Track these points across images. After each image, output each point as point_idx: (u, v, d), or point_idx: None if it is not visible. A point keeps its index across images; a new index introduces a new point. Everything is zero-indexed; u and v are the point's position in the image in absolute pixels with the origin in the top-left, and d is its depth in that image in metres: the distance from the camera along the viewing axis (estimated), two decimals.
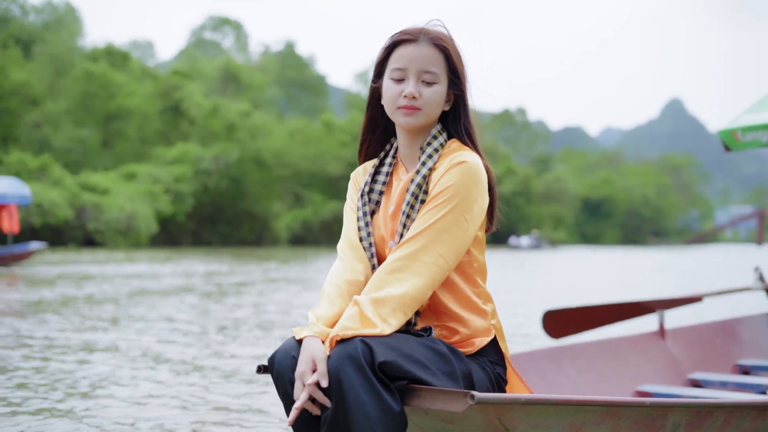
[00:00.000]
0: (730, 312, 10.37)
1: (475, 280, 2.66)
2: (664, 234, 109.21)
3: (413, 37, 2.61)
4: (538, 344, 7.77)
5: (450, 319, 2.61)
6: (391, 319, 2.38)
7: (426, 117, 2.61)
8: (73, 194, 42.06)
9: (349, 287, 2.57)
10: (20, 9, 59.67)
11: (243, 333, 8.72)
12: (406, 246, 2.49)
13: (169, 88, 57.79)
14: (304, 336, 2.36)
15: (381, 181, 2.73)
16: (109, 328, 8.93)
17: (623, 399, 2.45)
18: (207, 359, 6.87)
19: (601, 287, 18.70)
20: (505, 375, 2.67)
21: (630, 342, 4.82)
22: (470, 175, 2.54)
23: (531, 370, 4.02)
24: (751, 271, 5.84)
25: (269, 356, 2.42)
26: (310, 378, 2.25)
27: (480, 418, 2.27)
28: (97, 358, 6.85)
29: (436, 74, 2.59)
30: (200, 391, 5.45)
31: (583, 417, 2.38)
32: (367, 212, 2.69)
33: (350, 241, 2.69)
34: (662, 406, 2.54)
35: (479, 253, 2.68)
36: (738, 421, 2.80)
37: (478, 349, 2.61)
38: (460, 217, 2.51)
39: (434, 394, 2.28)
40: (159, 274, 19.50)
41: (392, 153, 2.76)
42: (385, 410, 2.22)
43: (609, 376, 4.47)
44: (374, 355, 2.24)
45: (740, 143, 5.39)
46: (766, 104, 5.52)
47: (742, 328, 5.61)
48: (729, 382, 4.71)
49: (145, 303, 11.87)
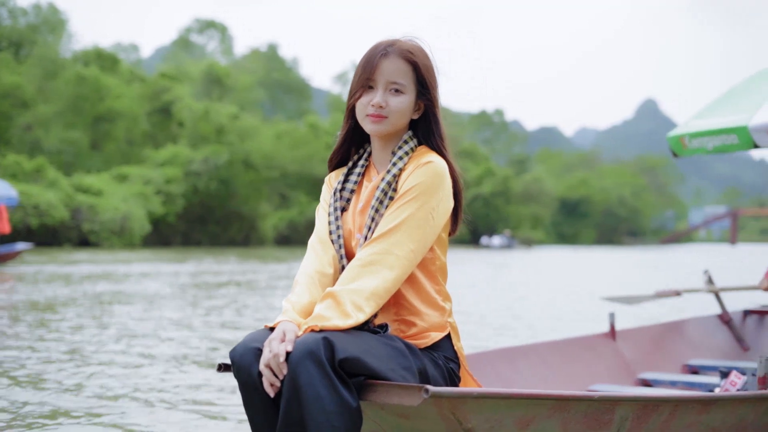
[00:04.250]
0: (682, 313, 10.74)
1: (437, 277, 2.77)
2: (640, 234, 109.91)
3: (384, 51, 2.74)
4: (491, 345, 8.06)
5: (409, 312, 2.71)
6: (365, 308, 2.49)
7: (392, 125, 2.74)
8: (68, 195, 42.79)
9: (321, 278, 2.68)
10: (9, 12, 60.07)
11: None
12: (379, 241, 2.60)
13: (158, 90, 58.63)
14: (278, 322, 2.47)
15: (353, 181, 2.86)
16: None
17: (572, 393, 2.52)
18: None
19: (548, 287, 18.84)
20: (459, 372, 2.76)
21: (581, 343, 4.91)
22: (436, 175, 2.66)
23: (485, 370, 4.10)
24: (701, 274, 6.08)
25: (230, 350, 2.48)
26: (277, 345, 2.34)
27: (434, 412, 2.34)
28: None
29: (403, 85, 2.72)
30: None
31: (534, 410, 2.44)
32: (337, 208, 2.82)
33: (320, 236, 2.81)
34: (610, 400, 2.60)
35: (442, 253, 2.79)
36: (683, 415, 2.87)
37: (433, 343, 2.70)
38: (428, 214, 2.64)
39: (390, 389, 2.34)
40: (146, 274, 19.97)
41: (365, 156, 2.89)
42: (342, 405, 2.28)
43: (561, 376, 4.55)
44: (335, 352, 2.31)
45: (687, 150, 5.46)
46: (713, 109, 5.55)
47: (692, 329, 5.71)
48: (678, 382, 4.81)
49: (104, 306, 11.67)
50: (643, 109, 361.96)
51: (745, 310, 6.08)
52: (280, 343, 2.34)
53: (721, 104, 5.53)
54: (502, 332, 9.63)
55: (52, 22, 62.76)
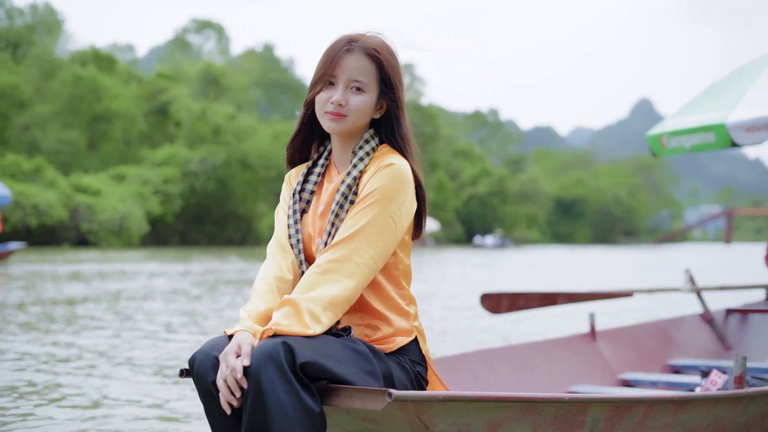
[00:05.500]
0: (664, 313, 10.58)
1: (400, 281, 2.69)
2: (635, 233, 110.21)
3: (348, 46, 2.64)
4: (470, 346, 7.91)
5: (373, 317, 2.64)
6: (323, 319, 2.40)
7: (352, 124, 2.64)
8: (66, 195, 43.00)
9: (279, 284, 2.60)
10: (5, 13, 60.17)
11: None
12: (338, 247, 2.51)
13: (155, 90, 58.81)
14: (236, 331, 2.40)
15: (313, 182, 2.76)
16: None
17: (542, 395, 2.46)
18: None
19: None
20: (426, 375, 2.69)
21: (561, 343, 4.84)
22: (397, 177, 2.57)
23: (463, 372, 4.03)
24: (687, 273, 6.02)
25: (190, 357, 2.43)
26: (233, 360, 2.28)
27: (400, 416, 2.29)
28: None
29: (365, 83, 2.63)
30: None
31: (503, 413, 2.38)
32: (297, 210, 2.72)
33: (279, 240, 2.72)
34: (581, 402, 2.55)
35: (405, 257, 2.71)
36: (657, 415, 2.82)
37: (399, 347, 2.63)
38: (389, 218, 2.55)
39: (353, 393, 2.29)
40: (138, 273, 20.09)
41: (325, 155, 2.79)
42: (304, 410, 2.23)
43: (540, 378, 4.48)
44: (295, 356, 2.25)
45: (665, 149, 5.37)
46: (692, 107, 5.46)
47: (674, 328, 5.67)
48: (659, 382, 4.75)
49: (88, 306, 11.59)
50: (637, 108, 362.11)
51: (728, 309, 6.06)
52: (236, 357, 2.28)
53: (699, 102, 5.46)
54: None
55: (48, 23, 62.89)
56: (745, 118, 4.81)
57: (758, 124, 4.74)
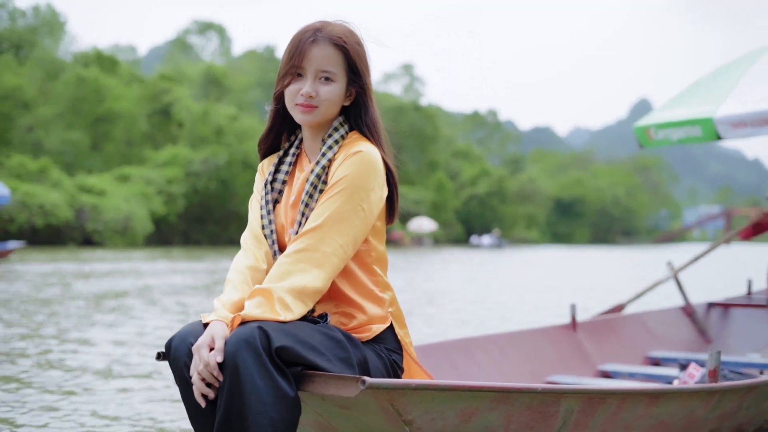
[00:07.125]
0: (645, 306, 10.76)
1: (373, 269, 2.69)
2: (634, 233, 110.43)
3: (313, 36, 2.63)
4: (451, 335, 7.88)
5: (347, 305, 2.64)
6: (294, 308, 2.41)
7: (323, 114, 2.65)
8: (71, 196, 43.33)
9: (253, 274, 2.61)
10: (8, 14, 60.54)
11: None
12: (307, 237, 2.51)
13: (157, 91, 59.19)
14: (210, 321, 2.39)
15: (284, 171, 2.76)
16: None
17: (515, 385, 2.46)
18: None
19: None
20: (402, 362, 2.70)
21: (542, 334, 4.84)
22: (366, 164, 2.56)
23: (443, 361, 4.03)
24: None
25: (166, 341, 2.44)
26: (207, 354, 2.28)
27: (374, 403, 2.30)
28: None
29: (333, 73, 2.62)
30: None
31: (476, 403, 2.39)
32: (269, 200, 2.72)
33: (253, 230, 2.73)
34: (555, 393, 2.55)
35: (378, 243, 2.70)
36: (631, 408, 2.83)
37: (375, 336, 2.63)
38: (357, 206, 2.54)
39: (327, 379, 2.30)
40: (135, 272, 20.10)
41: (296, 144, 2.79)
42: (279, 395, 2.23)
43: (520, 367, 4.47)
44: (270, 341, 2.25)
45: (653, 141, 5.37)
46: (680, 100, 5.46)
47: (655, 321, 5.68)
48: (638, 373, 4.76)
49: (76, 306, 11.32)
50: (637, 108, 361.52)
51: (709, 303, 6.12)
52: (209, 351, 2.29)
53: (687, 96, 5.46)
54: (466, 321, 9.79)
55: (50, 24, 63.21)
56: (732, 113, 4.84)
57: (745, 120, 4.76)
